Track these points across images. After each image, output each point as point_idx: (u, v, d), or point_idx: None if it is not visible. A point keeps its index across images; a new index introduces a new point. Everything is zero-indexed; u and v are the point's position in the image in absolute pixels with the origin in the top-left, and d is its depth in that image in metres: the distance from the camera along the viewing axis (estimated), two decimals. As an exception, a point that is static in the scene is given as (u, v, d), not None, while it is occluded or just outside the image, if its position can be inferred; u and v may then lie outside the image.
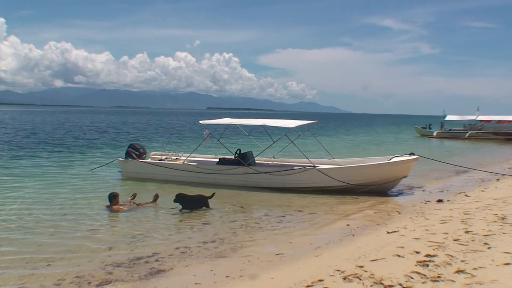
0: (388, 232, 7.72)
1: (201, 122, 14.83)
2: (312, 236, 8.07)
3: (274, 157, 14.81)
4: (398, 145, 31.80)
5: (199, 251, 7.08)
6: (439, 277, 5.02)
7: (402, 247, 6.39)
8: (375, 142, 36.13)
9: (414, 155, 12.56)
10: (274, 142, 14.27)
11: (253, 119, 15.98)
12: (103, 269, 6.23)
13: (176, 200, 9.93)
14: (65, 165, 17.37)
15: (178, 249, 7.17)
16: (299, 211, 10.24)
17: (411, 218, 8.93)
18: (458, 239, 6.64)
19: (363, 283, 5.02)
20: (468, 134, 38.73)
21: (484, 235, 6.76)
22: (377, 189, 12.19)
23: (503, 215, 8.29)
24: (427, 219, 8.67)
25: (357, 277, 5.21)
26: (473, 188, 12.96)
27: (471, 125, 41.27)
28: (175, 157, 15.15)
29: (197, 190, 11.04)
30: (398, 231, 7.70)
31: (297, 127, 13.66)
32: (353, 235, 7.99)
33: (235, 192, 12.31)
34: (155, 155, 15.57)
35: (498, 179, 14.66)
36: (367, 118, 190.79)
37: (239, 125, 14.70)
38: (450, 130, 41.49)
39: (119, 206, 9.90)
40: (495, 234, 6.81)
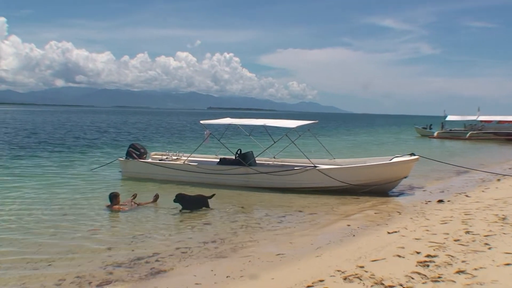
0: (388, 233, 7.72)
1: (201, 122, 14.84)
2: (313, 237, 8.07)
3: (274, 157, 14.81)
4: (398, 146, 31.82)
5: (199, 251, 7.09)
6: (439, 277, 5.02)
7: (403, 248, 6.40)
8: (376, 143, 36.14)
9: (414, 155, 12.56)
10: (274, 142, 14.26)
11: (253, 119, 15.97)
12: (104, 269, 6.24)
13: (176, 200, 9.92)
14: (65, 165, 17.38)
15: (178, 249, 7.18)
16: (300, 211, 10.24)
17: (411, 218, 8.93)
18: (458, 240, 6.65)
19: (363, 283, 5.02)
20: (468, 134, 38.70)
21: (485, 236, 6.77)
22: (377, 189, 12.19)
23: (503, 215, 8.29)
24: (427, 219, 8.67)
25: (357, 277, 5.21)
26: (473, 189, 12.96)
27: (471, 125, 41.23)
28: (175, 157, 15.15)
29: (198, 190, 11.05)
30: (398, 231, 7.70)
31: (298, 127, 13.68)
32: (353, 235, 7.99)
33: (236, 192, 12.31)
34: (156, 155, 15.58)
35: (498, 180, 14.66)
36: (367, 118, 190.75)
37: (239, 125, 14.70)
38: (450, 130, 41.47)
39: (119, 206, 9.90)
40: (495, 235, 6.81)
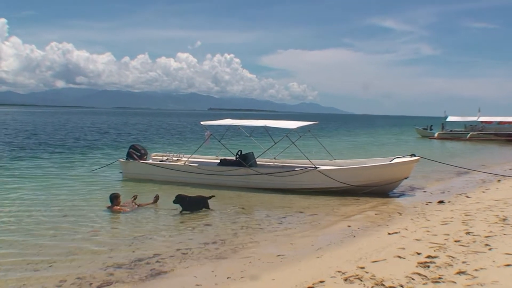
0: (389, 233, 7.72)
1: (202, 123, 14.85)
2: (313, 237, 8.07)
3: (275, 158, 14.80)
4: (399, 146, 31.82)
5: (200, 252, 7.09)
6: (440, 278, 5.02)
7: (403, 248, 6.40)
8: (376, 143, 36.15)
9: (415, 156, 12.57)
10: (275, 143, 14.25)
11: (254, 120, 15.97)
12: (104, 270, 6.24)
13: (176, 201, 9.90)
14: (66, 166, 17.38)
15: (179, 250, 7.18)
16: (300, 212, 10.24)
17: (412, 219, 8.93)
18: (459, 240, 6.65)
19: (364, 284, 5.02)
20: (469, 135, 38.68)
21: (485, 236, 6.77)
22: (378, 190, 12.19)
23: (504, 216, 8.29)
24: (428, 220, 8.67)
25: (358, 278, 5.21)
26: (474, 189, 12.96)
27: (472, 126, 41.19)
28: (176, 158, 15.15)
29: (198, 191, 11.04)
30: (399, 232, 7.70)
31: (298, 128, 13.68)
32: (354, 236, 7.99)
33: (236, 193, 12.31)
34: (156, 156, 15.58)
35: (499, 180, 14.66)
36: (367, 119, 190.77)
37: (240, 126, 14.70)
38: (451, 131, 41.44)
39: (120, 207, 9.91)
40: (496, 235, 6.81)
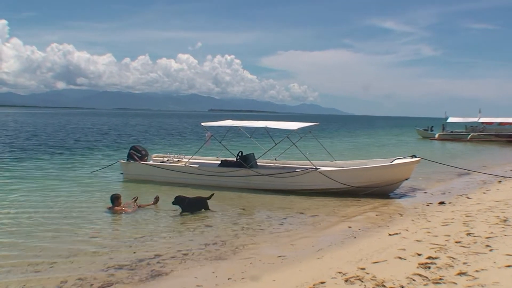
0: (390, 234, 7.72)
1: (203, 124, 14.85)
2: (314, 238, 8.07)
3: (276, 159, 14.80)
4: (399, 147, 31.81)
5: (200, 253, 7.09)
6: (441, 279, 5.02)
7: (404, 249, 6.39)
8: (377, 144, 36.13)
9: (415, 157, 12.56)
10: (276, 144, 14.25)
11: (255, 121, 15.98)
12: (105, 271, 6.24)
13: (175, 203, 9.88)
14: (66, 167, 17.39)
15: (179, 251, 7.18)
16: (301, 213, 10.24)
17: (413, 220, 8.93)
18: (460, 241, 6.64)
19: (364, 285, 5.02)
20: (470, 136, 38.62)
21: (486, 237, 6.76)
22: (379, 191, 12.18)
23: (505, 217, 8.28)
24: (429, 221, 8.67)
25: (359, 279, 5.21)
26: (475, 190, 12.94)
27: (473, 127, 41.14)
28: (177, 159, 15.15)
29: (199, 192, 11.04)
30: (399, 233, 7.70)
31: (299, 129, 13.69)
32: (355, 237, 7.98)
33: (237, 194, 12.31)
34: (157, 157, 15.59)
35: (500, 181, 14.66)
36: (368, 120, 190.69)
37: (241, 127, 14.71)
38: (452, 132, 41.40)
39: (121, 208, 9.91)
40: (497, 236, 6.81)
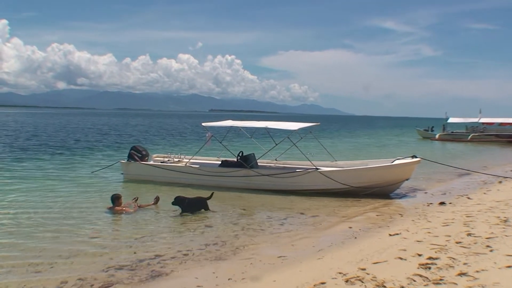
0: (390, 235, 7.71)
1: (203, 124, 14.85)
2: (315, 239, 8.07)
3: (276, 160, 14.80)
4: (400, 148, 31.82)
5: (200, 254, 7.09)
6: (441, 280, 5.01)
7: (404, 250, 6.39)
8: (377, 145, 36.12)
9: (416, 157, 12.56)
10: (276, 145, 14.25)
11: (255, 121, 15.98)
12: (105, 272, 6.24)
13: (175, 203, 9.86)
14: (66, 167, 17.40)
15: (180, 251, 7.18)
16: (301, 213, 10.23)
17: (413, 220, 8.92)
18: (460, 242, 6.63)
19: (365, 285, 5.01)
20: (470, 136, 38.61)
21: (487, 238, 6.75)
22: (379, 191, 12.18)
23: (505, 217, 8.27)
24: (429, 221, 8.66)
25: (359, 279, 5.21)
26: (475, 191, 12.94)
27: (473, 127, 41.12)
28: (177, 160, 15.16)
29: (199, 193, 11.04)
30: (400, 233, 7.69)
31: (300, 130, 13.69)
32: (355, 237, 7.98)
33: (237, 194, 12.31)
34: (158, 157, 15.60)
35: (500, 182, 14.65)
36: (368, 120, 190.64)
37: (241, 127, 14.71)
38: (452, 132, 41.39)
39: (122, 208, 9.91)
40: (497, 237, 6.79)
